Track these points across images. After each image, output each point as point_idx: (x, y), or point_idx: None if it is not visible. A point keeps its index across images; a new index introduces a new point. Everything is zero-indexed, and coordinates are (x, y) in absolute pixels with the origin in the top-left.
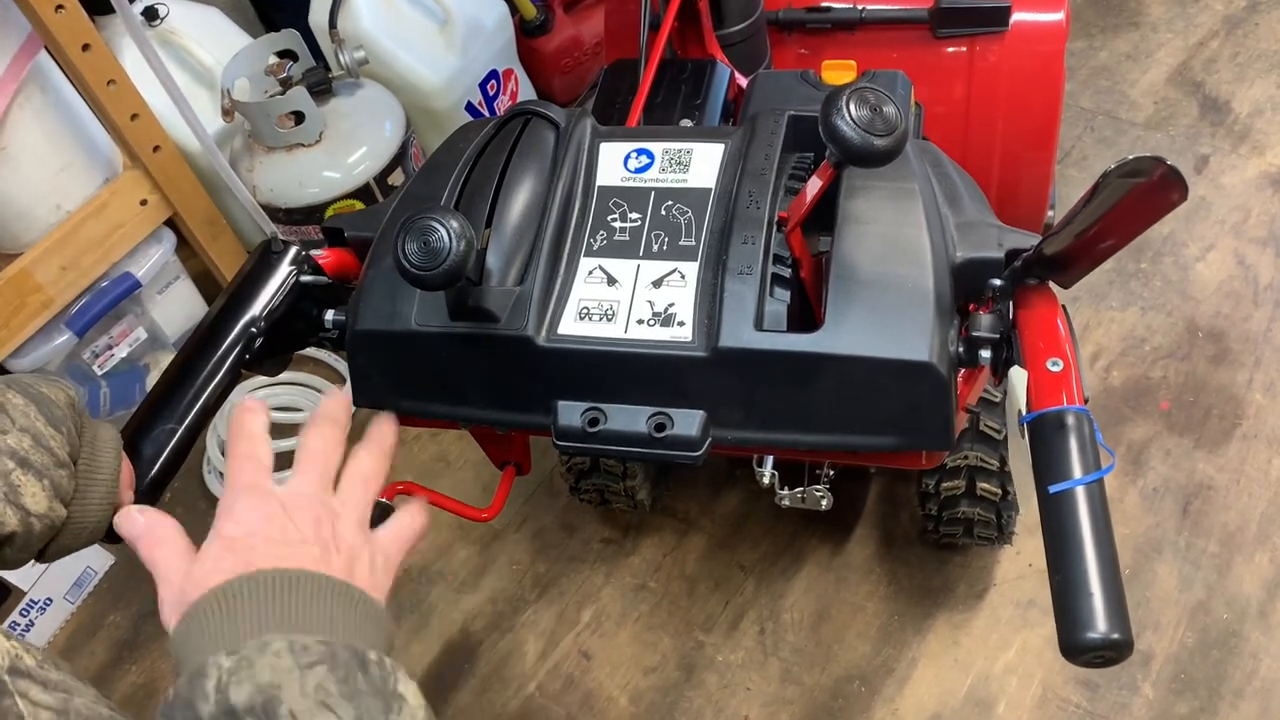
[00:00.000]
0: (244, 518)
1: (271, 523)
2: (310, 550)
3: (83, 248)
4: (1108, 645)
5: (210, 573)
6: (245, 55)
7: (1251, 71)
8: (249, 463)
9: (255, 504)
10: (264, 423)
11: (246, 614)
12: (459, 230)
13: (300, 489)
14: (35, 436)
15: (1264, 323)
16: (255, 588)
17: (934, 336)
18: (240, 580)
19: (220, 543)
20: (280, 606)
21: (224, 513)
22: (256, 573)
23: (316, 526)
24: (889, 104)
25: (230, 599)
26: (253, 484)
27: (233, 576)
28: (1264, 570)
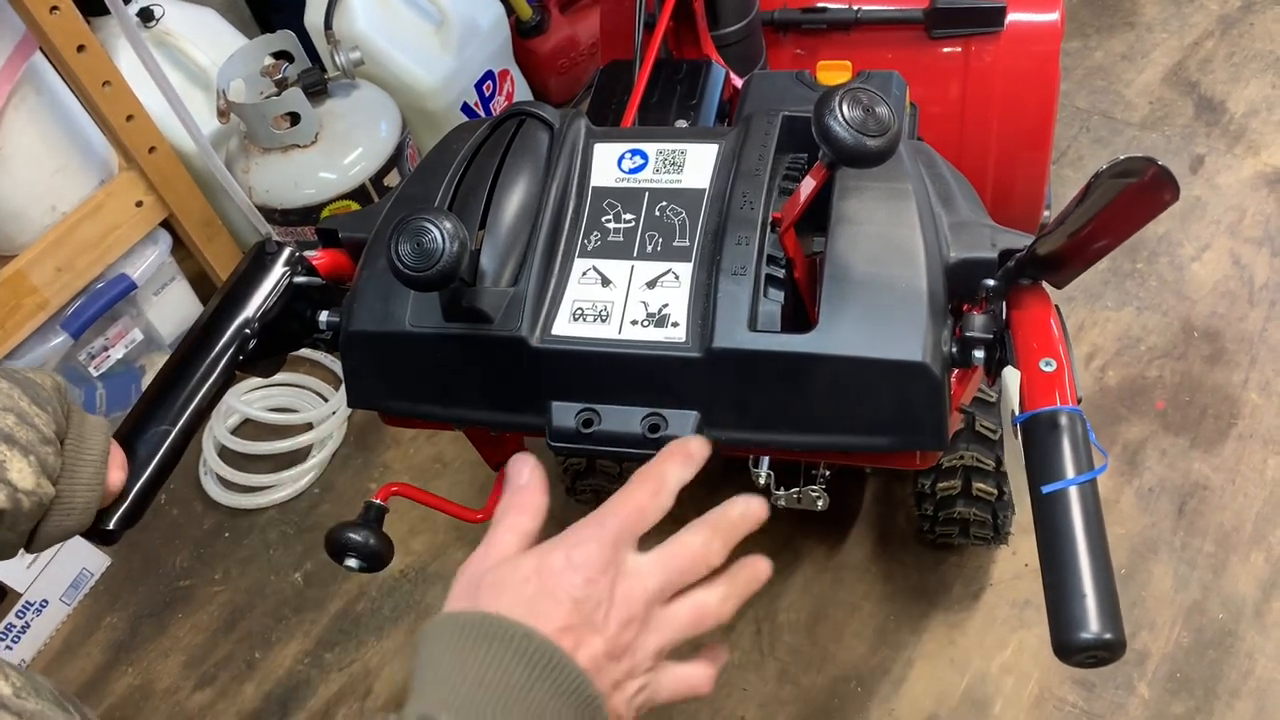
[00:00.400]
0: (584, 561)
1: (595, 584)
2: (598, 643)
3: (78, 249)
4: (1100, 645)
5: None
6: (241, 56)
7: (1247, 71)
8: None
9: (602, 548)
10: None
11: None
12: (453, 231)
13: (648, 576)
14: (19, 414)
15: (1259, 322)
16: (510, 643)
17: (927, 337)
18: (509, 627)
19: (540, 565)
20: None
21: (573, 536)
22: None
23: (626, 623)
24: (882, 104)
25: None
26: (625, 534)
27: (508, 614)
28: (1259, 570)
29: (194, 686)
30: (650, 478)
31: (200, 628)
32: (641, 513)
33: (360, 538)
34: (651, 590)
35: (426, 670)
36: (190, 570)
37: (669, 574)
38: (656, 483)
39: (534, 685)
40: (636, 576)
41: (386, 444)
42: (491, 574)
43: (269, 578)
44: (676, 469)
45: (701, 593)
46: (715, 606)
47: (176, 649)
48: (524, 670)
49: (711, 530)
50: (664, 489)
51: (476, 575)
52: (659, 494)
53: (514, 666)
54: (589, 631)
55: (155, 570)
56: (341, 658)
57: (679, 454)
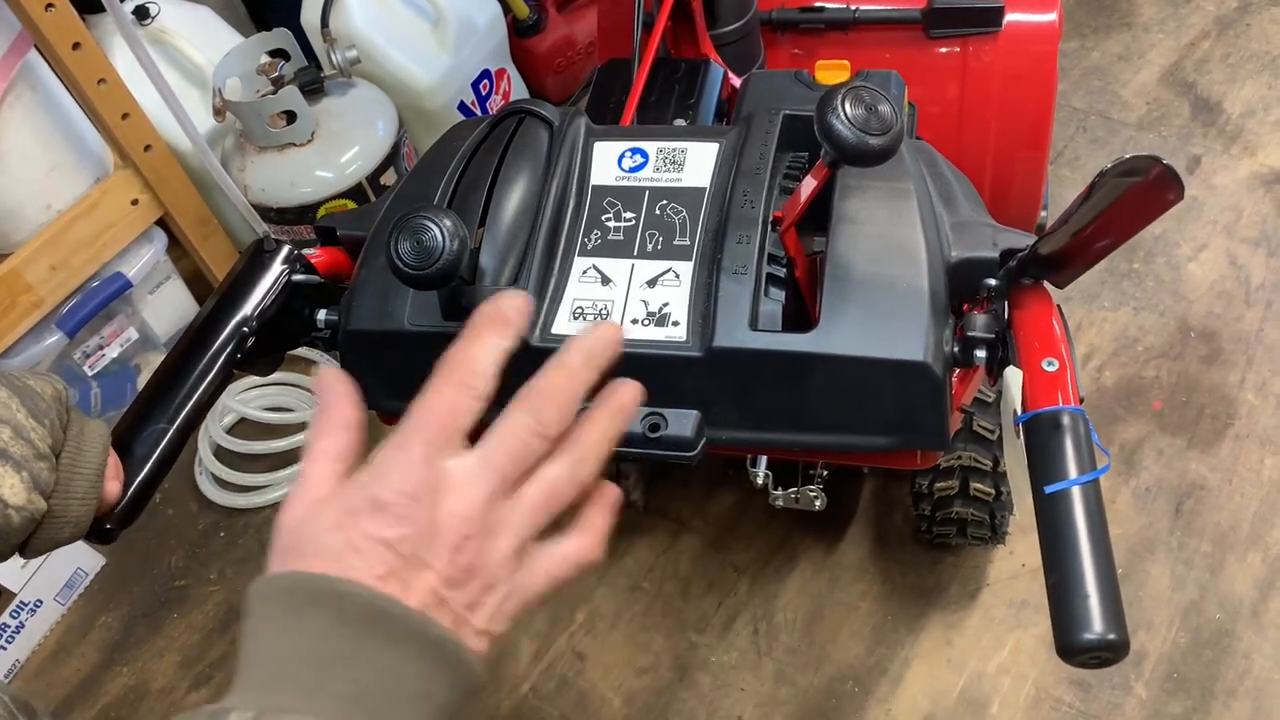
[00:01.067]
0: (386, 496)
1: (409, 519)
2: (430, 578)
3: (73, 247)
4: (1104, 646)
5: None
6: (237, 54)
7: (1243, 72)
8: (442, 410)
9: (409, 482)
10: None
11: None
12: (452, 229)
13: (474, 483)
14: (15, 428)
15: (1256, 323)
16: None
17: (929, 336)
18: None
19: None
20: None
21: (379, 466)
22: (338, 583)
23: (461, 546)
24: (884, 103)
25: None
26: (428, 447)
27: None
28: (1256, 570)
29: (189, 686)
30: (456, 364)
31: (195, 628)
32: (453, 412)
33: None
34: (481, 497)
35: (245, 646)
36: (185, 570)
37: (499, 469)
38: (464, 369)
39: (360, 646)
40: (462, 488)
41: (381, 443)
42: (296, 528)
43: None
44: (491, 341)
45: (548, 467)
46: (569, 475)
47: (171, 649)
48: (346, 633)
49: (540, 397)
50: (475, 373)
51: (285, 525)
52: (470, 381)
53: (333, 631)
54: (414, 569)
55: (150, 570)
56: None
57: (490, 321)
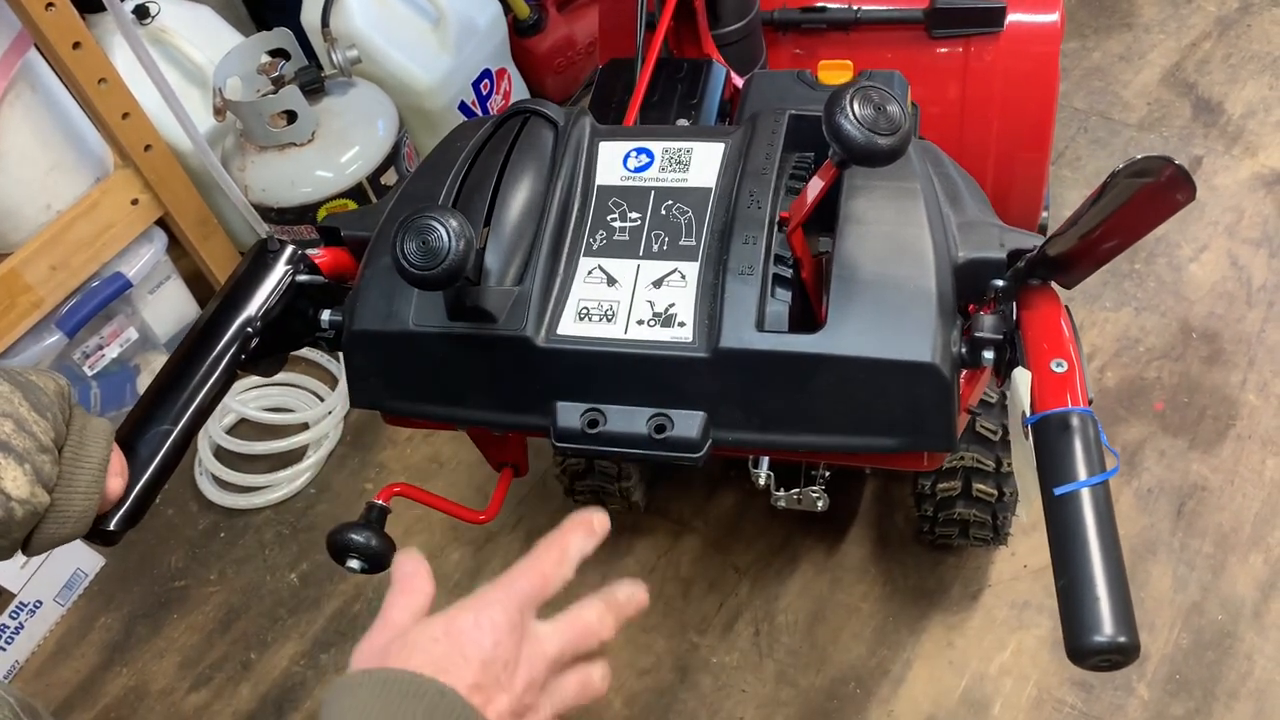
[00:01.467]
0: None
1: (503, 646)
2: (504, 702)
3: (73, 247)
4: (1114, 648)
5: (417, 648)
6: (237, 54)
7: (1244, 73)
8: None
9: (509, 611)
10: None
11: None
12: (458, 229)
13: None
14: (18, 421)
15: (1257, 323)
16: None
17: (937, 337)
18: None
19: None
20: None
21: (481, 599)
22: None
23: (530, 685)
24: (893, 103)
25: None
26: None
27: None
28: (1258, 571)
29: (189, 688)
30: (554, 547)
31: (195, 628)
32: (545, 580)
33: (362, 539)
34: (551, 655)
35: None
36: (185, 571)
37: (566, 641)
38: (560, 553)
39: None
40: (539, 641)
41: (383, 444)
42: (400, 638)
43: (265, 578)
44: (579, 540)
45: (586, 666)
46: (597, 682)
47: (171, 650)
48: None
49: (604, 606)
50: (566, 559)
51: (381, 643)
52: (562, 564)
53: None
54: (497, 690)
55: (150, 571)
56: (338, 659)
57: (582, 526)
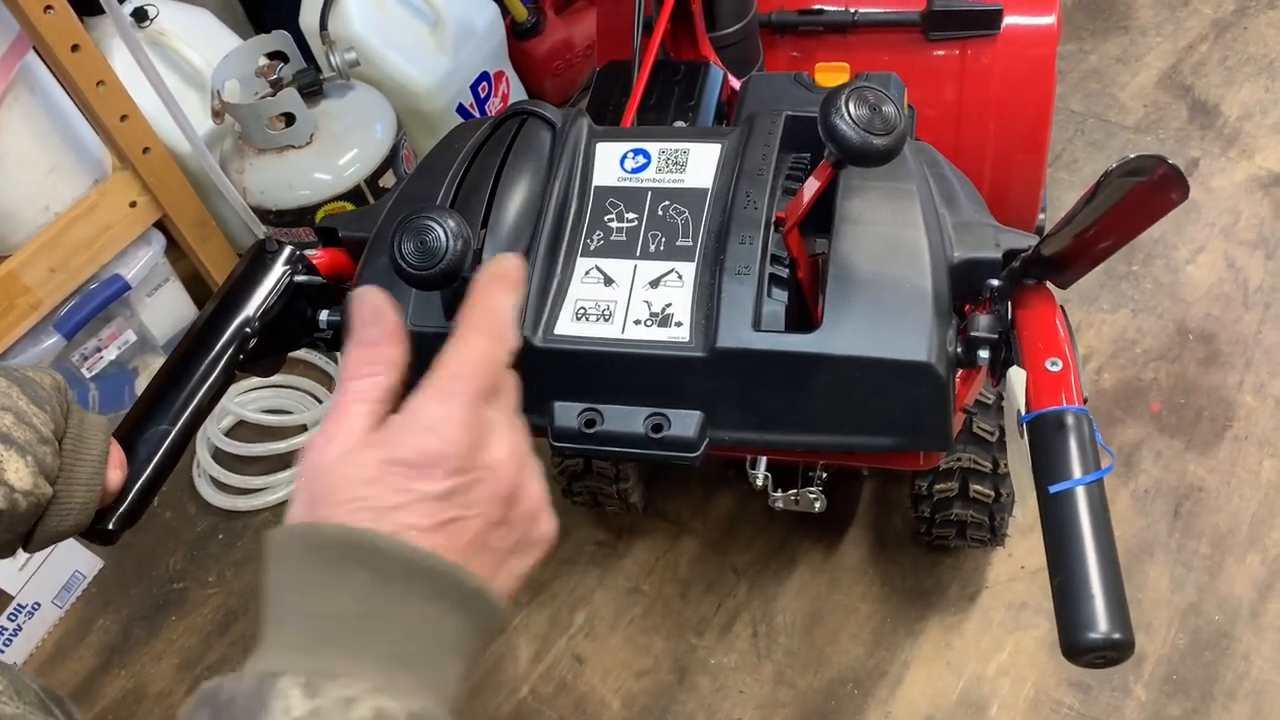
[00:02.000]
0: (440, 444)
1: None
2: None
3: (71, 249)
4: (1109, 645)
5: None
6: (235, 56)
7: (1240, 75)
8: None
9: (461, 430)
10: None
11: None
12: (456, 229)
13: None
14: (17, 414)
15: (1254, 325)
16: (366, 560)
17: (932, 336)
18: (359, 538)
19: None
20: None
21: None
22: (376, 538)
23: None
24: (888, 103)
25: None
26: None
27: (377, 526)
28: (1255, 572)
29: (187, 690)
30: (483, 315)
31: (194, 631)
32: (491, 362)
33: None
34: (525, 445)
35: (272, 605)
36: (183, 573)
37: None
38: (495, 319)
39: (400, 604)
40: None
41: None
42: (335, 473)
43: None
44: (508, 298)
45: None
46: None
47: (170, 652)
48: (386, 591)
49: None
50: (506, 324)
51: (316, 468)
52: (503, 332)
53: (373, 588)
54: (462, 519)
55: (148, 573)
56: None
57: (501, 280)
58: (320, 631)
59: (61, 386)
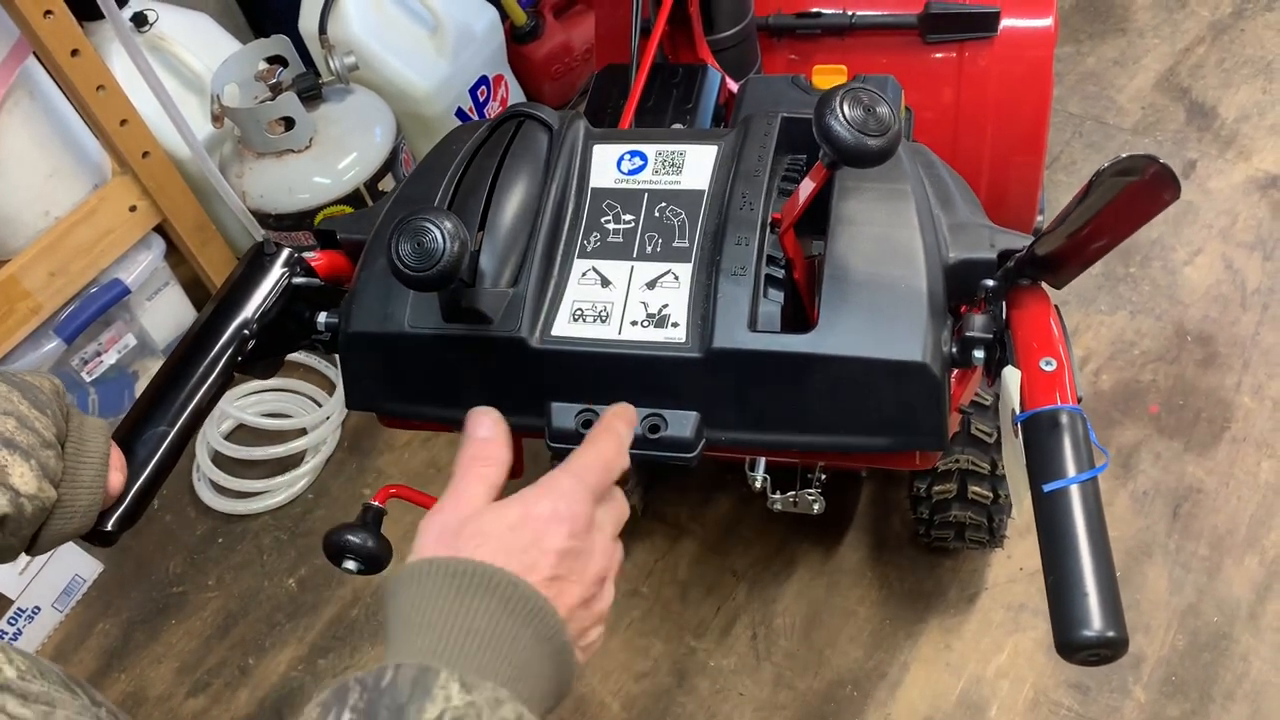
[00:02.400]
0: (568, 509)
1: (579, 537)
2: (575, 593)
3: (71, 254)
4: (1103, 643)
5: (492, 536)
6: (235, 61)
7: (1238, 77)
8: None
9: (585, 501)
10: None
11: (478, 620)
12: (453, 231)
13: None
14: (20, 419)
15: (1252, 326)
16: (497, 593)
17: (927, 336)
18: (512, 583)
19: (525, 514)
20: (505, 636)
21: (555, 487)
22: (515, 580)
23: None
24: (882, 104)
25: (470, 588)
26: (600, 485)
27: (508, 567)
28: (1253, 573)
29: (187, 693)
30: (611, 433)
31: (193, 634)
32: (609, 468)
33: (358, 539)
34: (610, 539)
35: (409, 616)
36: (183, 576)
37: (618, 519)
38: (617, 439)
39: (519, 633)
40: (610, 529)
41: (380, 449)
42: (473, 523)
43: (262, 584)
44: (626, 428)
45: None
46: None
47: (169, 655)
48: (511, 620)
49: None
50: (624, 446)
51: (452, 524)
52: (621, 451)
53: (502, 615)
54: (570, 582)
55: (148, 576)
56: (335, 664)
57: (623, 416)
58: (458, 643)
59: (60, 390)
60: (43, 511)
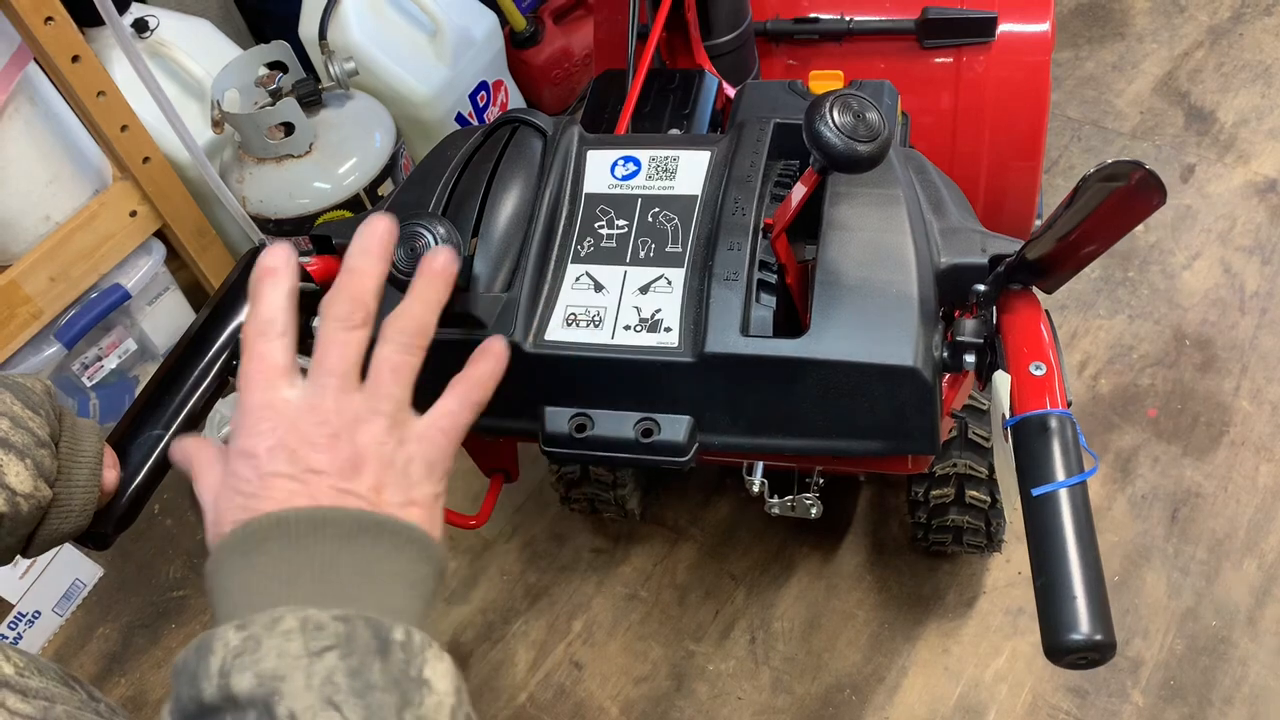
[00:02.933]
0: (251, 444)
1: (279, 451)
2: (326, 481)
3: (72, 259)
4: (1091, 647)
5: (225, 511)
6: (235, 66)
7: (1236, 81)
8: (257, 363)
9: (262, 424)
10: (285, 294)
11: (262, 570)
12: (446, 236)
13: (316, 392)
14: (13, 419)
15: (1250, 330)
16: (268, 536)
17: (918, 341)
18: (253, 526)
19: (230, 477)
20: (296, 562)
21: (235, 432)
22: (265, 518)
23: (334, 444)
24: (872, 110)
25: (246, 549)
26: (262, 394)
27: (245, 518)
28: (1252, 577)
29: None
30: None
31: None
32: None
33: None
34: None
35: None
36: (183, 580)
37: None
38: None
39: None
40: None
41: None
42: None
43: None
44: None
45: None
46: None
47: (170, 660)
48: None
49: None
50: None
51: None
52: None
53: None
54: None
55: (148, 581)
56: None
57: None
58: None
59: (52, 392)
60: (38, 510)
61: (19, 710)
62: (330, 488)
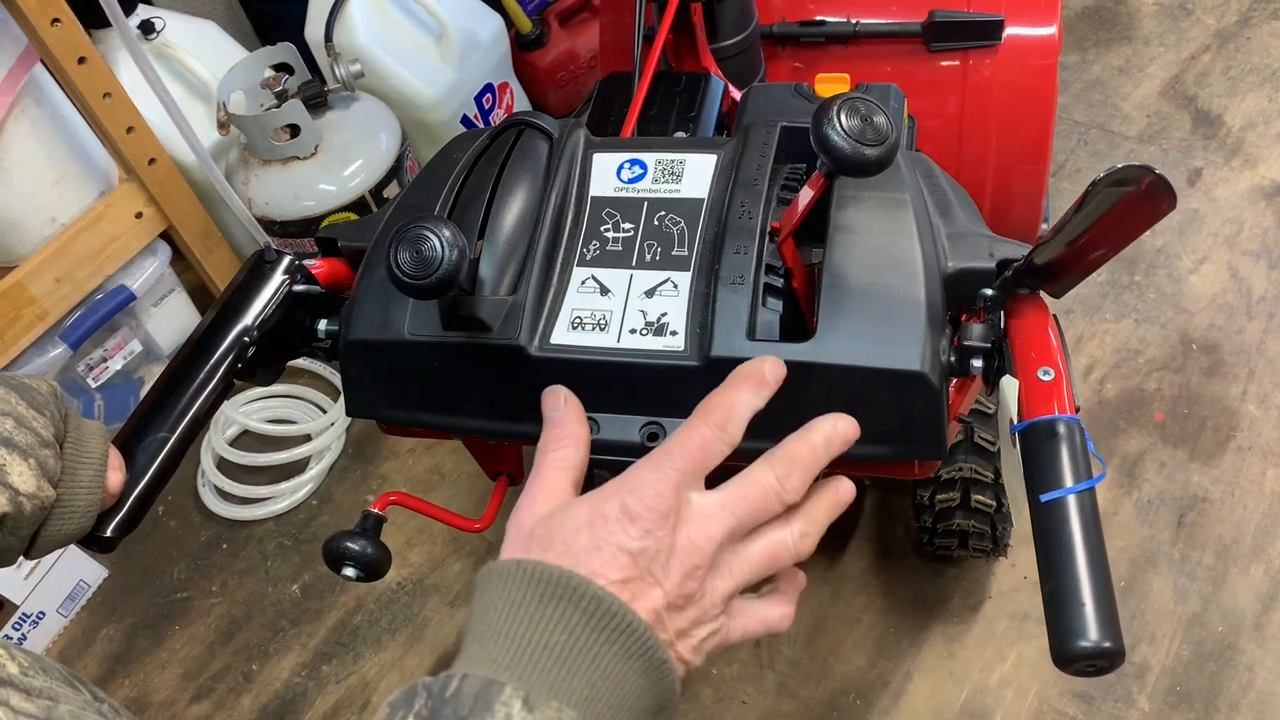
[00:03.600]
0: (639, 505)
1: (650, 546)
2: (656, 596)
3: (77, 260)
4: (1099, 654)
5: (558, 538)
6: (241, 68)
7: (1243, 85)
8: (701, 447)
9: (662, 495)
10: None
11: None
12: (451, 239)
13: (714, 520)
14: (17, 419)
15: (1257, 335)
16: (588, 610)
17: (926, 346)
18: (578, 587)
19: (594, 514)
20: (604, 663)
21: (631, 481)
22: (586, 586)
23: (689, 574)
24: (880, 114)
25: (544, 596)
26: (682, 473)
27: (570, 566)
28: (1259, 583)
29: (191, 699)
30: (716, 408)
31: (197, 640)
32: (705, 450)
33: (358, 546)
34: (718, 535)
35: (486, 619)
36: (187, 582)
37: (738, 515)
38: (723, 414)
39: (601, 652)
40: (701, 520)
41: (384, 456)
42: (543, 524)
43: (266, 590)
44: (747, 396)
45: (777, 530)
46: (793, 543)
47: (173, 661)
48: (592, 634)
49: (788, 463)
50: (732, 420)
51: (527, 523)
52: (726, 427)
53: (582, 630)
54: (647, 584)
55: (152, 582)
56: (339, 670)
57: (750, 378)
58: (533, 658)
59: (58, 393)
60: (42, 511)
61: (23, 709)
62: (654, 606)
